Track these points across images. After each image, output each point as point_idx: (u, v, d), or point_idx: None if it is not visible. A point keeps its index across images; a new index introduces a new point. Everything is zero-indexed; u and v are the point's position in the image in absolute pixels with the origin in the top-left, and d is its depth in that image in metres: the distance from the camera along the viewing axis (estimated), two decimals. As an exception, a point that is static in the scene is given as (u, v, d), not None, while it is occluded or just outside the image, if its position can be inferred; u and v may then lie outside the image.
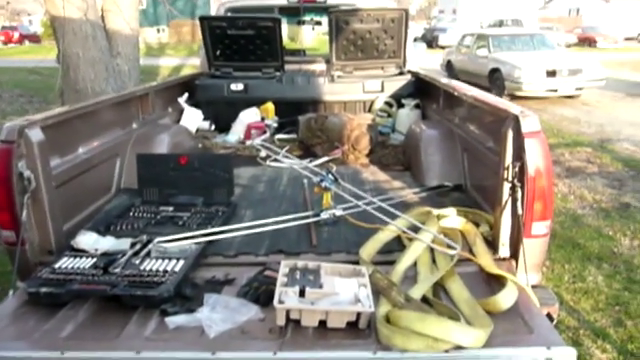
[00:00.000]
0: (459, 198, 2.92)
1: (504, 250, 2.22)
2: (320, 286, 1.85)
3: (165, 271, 2.03)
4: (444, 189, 3.05)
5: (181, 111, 4.38)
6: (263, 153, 3.91)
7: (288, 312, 1.73)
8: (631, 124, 8.92)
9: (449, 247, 2.16)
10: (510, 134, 2.12)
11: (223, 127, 4.58)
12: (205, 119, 4.56)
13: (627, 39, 29.42)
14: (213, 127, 4.62)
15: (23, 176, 2.12)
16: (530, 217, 2.09)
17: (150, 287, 1.91)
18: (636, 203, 5.27)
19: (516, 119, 2.09)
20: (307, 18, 5.89)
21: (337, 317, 1.72)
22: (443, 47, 21.92)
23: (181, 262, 2.10)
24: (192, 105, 4.53)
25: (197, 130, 4.48)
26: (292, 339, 1.70)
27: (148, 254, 2.19)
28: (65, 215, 2.44)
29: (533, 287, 2.11)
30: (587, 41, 27.37)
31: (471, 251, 2.25)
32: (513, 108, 2.23)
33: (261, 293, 1.93)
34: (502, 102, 2.48)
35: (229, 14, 5.05)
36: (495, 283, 2.02)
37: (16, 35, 35.79)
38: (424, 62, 5.43)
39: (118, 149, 3.12)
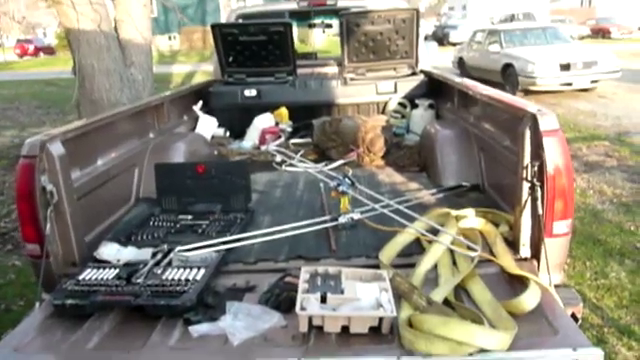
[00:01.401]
0: (477, 198, 2.91)
1: (525, 250, 2.20)
2: (341, 291, 1.85)
3: (187, 280, 2.05)
4: (461, 189, 3.03)
5: (196, 119, 4.42)
6: (278, 158, 3.92)
7: (310, 319, 1.74)
8: (649, 116, 8.79)
9: (469, 249, 2.15)
10: (528, 133, 2.11)
11: (238, 133, 4.61)
12: (220, 126, 4.60)
13: (642, 29, 28.96)
14: (228, 134, 4.65)
15: (46, 190, 2.16)
16: (551, 216, 2.07)
17: (173, 296, 1.93)
18: (657, 196, 5.18)
19: (534, 118, 2.07)
20: (317, 21, 5.90)
21: (360, 322, 1.72)
22: (454, 44, 21.81)
23: (202, 270, 2.12)
24: (207, 113, 4.57)
25: (212, 137, 4.51)
26: (315, 346, 1.70)
27: (169, 263, 2.22)
28: (87, 227, 2.48)
29: (556, 287, 2.09)
30: (600, 32, 26.98)
31: (492, 252, 2.23)
32: (530, 106, 2.21)
33: (282, 300, 1.94)
34: (518, 100, 2.47)
35: (240, 21, 5.09)
36: (517, 284, 2.00)
37: (31, 48, 36.38)
38: (436, 60, 5.40)
39: (136, 159, 3.16)
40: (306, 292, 1.85)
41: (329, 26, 5.95)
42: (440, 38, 27.02)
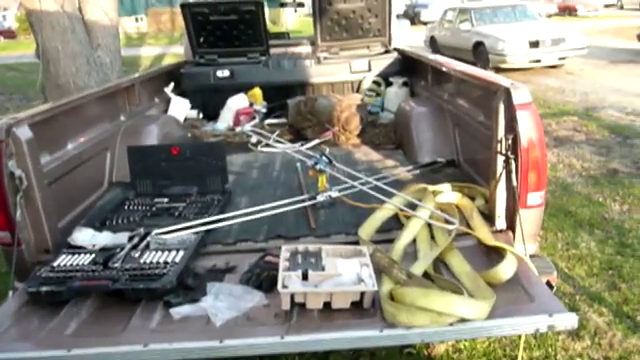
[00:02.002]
0: (453, 173, 2.94)
1: (500, 222, 2.24)
2: (322, 268, 1.86)
3: (166, 262, 2.02)
4: (437, 165, 3.06)
5: (168, 101, 4.33)
6: (254, 139, 3.88)
7: (292, 296, 1.74)
8: (615, 91, 9.00)
9: (447, 222, 2.18)
10: (502, 107, 2.13)
11: (212, 115, 4.55)
12: (193, 108, 4.52)
13: (607, 6, 29.41)
14: (201, 115, 4.58)
15: (14, 175, 2.09)
16: (525, 188, 2.11)
17: (152, 279, 1.91)
18: (624, 169, 5.34)
19: (507, 92, 2.10)
20: (289, 0, 5.82)
21: (341, 298, 1.74)
22: (425, 23, 21.79)
23: (181, 253, 2.10)
24: (179, 94, 4.48)
25: (185, 119, 4.44)
26: (298, 323, 1.71)
27: (147, 247, 2.19)
28: (59, 212, 2.41)
29: (531, 257, 2.14)
30: (567, 10, 27.32)
31: (468, 225, 2.27)
32: (503, 81, 2.23)
33: (263, 279, 1.94)
34: (492, 75, 2.49)
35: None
36: (494, 255, 2.05)
37: (-5, 28, 34.90)
38: (408, 39, 5.40)
39: (107, 142, 3.09)
40: (287, 270, 1.85)
41: (301, 5, 5.87)
42: (411, 17, 26.94)
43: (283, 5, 6.09)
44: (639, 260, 3.59)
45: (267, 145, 3.73)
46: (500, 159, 2.17)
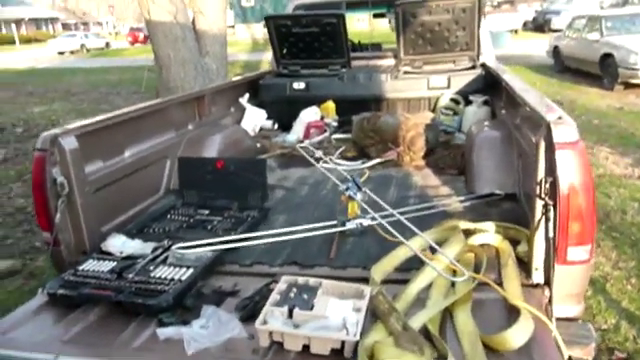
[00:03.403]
0: (510, 209, 2.64)
1: (538, 276, 1.95)
2: (311, 307, 1.75)
3: (172, 279, 2.05)
4: (494, 198, 2.76)
5: (244, 111, 4.45)
6: (318, 154, 3.83)
7: (271, 334, 1.66)
8: None
9: (455, 273, 1.94)
10: (542, 144, 1.85)
11: (287, 126, 4.59)
12: (269, 118, 4.60)
13: None
14: (276, 126, 4.65)
15: (56, 182, 2.27)
16: (565, 240, 1.81)
17: (152, 295, 1.94)
18: None
19: (548, 127, 1.81)
20: (379, 11, 5.69)
21: (320, 343, 1.62)
22: (556, 31, 20.18)
23: (190, 270, 2.11)
24: (257, 104, 4.59)
25: (261, 129, 4.53)
26: (273, 362, 1.63)
27: (165, 260, 2.24)
28: (104, 217, 2.57)
29: (570, 320, 1.85)
30: None
31: (501, 274, 2.01)
32: (550, 113, 1.93)
33: (259, 309, 1.88)
34: (544, 104, 2.17)
35: (298, 11, 5.04)
36: (518, 313, 1.77)
37: (141, 36, 39.03)
38: (530, 48, 4.97)
39: (168, 151, 3.23)
40: (275, 304, 1.77)
41: (382, 15, 5.71)
42: (541, 24, 25.12)
43: (377, 16, 5.96)
44: None
45: (328, 161, 3.65)
46: (539, 204, 1.89)
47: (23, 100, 13.72)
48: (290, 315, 1.72)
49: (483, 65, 4.43)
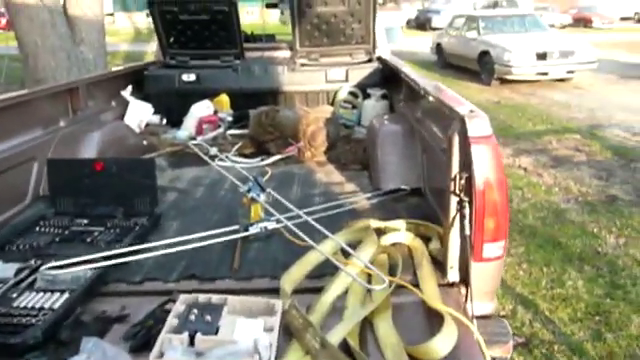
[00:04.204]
0: (416, 204, 2.59)
1: (453, 274, 1.89)
2: (216, 331, 1.52)
3: (41, 308, 1.69)
4: (401, 193, 2.70)
5: (127, 105, 4.02)
6: (213, 151, 3.55)
7: (170, 367, 1.40)
8: (623, 108, 8.57)
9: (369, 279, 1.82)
10: (456, 139, 1.78)
11: (176, 121, 4.22)
12: (156, 113, 4.20)
13: (623, 19, 28.70)
14: (165, 121, 4.26)
15: None
16: (480, 237, 1.75)
17: (14, 332, 1.57)
18: (623, 196, 4.95)
19: (462, 121, 1.74)
20: (272, 1, 5.49)
21: (229, 374, 1.40)
22: (437, 29, 21.44)
23: (65, 295, 1.76)
24: (142, 98, 4.17)
25: (147, 125, 4.12)
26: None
27: (32, 284, 1.86)
28: None
29: (485, 318, 1.80)
30: (582, 21, 26.76)
31: (416, 274, 1.92)
32: (462, 107, 1.87)
33: (153, 335, 1.60)
34: (454, 99, 2.12)
35: None
36: (439, 317, 1.69)
37: (3, 21, 34.99)
38: (415, 45, 5.07)
39: (36, 151, 2.77)
40: (172, 331, 1.51)
41: (275, 5, 5.54)
42: (423, 23, 26.59)
43: (269, 6, 5.74)
44: (630, 305, 3.22)
45: (223, 159, 3.39)
46: (454, 200, 1.82)
47: None
48: (192, 342, 1.47)
49: (379, 59, 4.42)
